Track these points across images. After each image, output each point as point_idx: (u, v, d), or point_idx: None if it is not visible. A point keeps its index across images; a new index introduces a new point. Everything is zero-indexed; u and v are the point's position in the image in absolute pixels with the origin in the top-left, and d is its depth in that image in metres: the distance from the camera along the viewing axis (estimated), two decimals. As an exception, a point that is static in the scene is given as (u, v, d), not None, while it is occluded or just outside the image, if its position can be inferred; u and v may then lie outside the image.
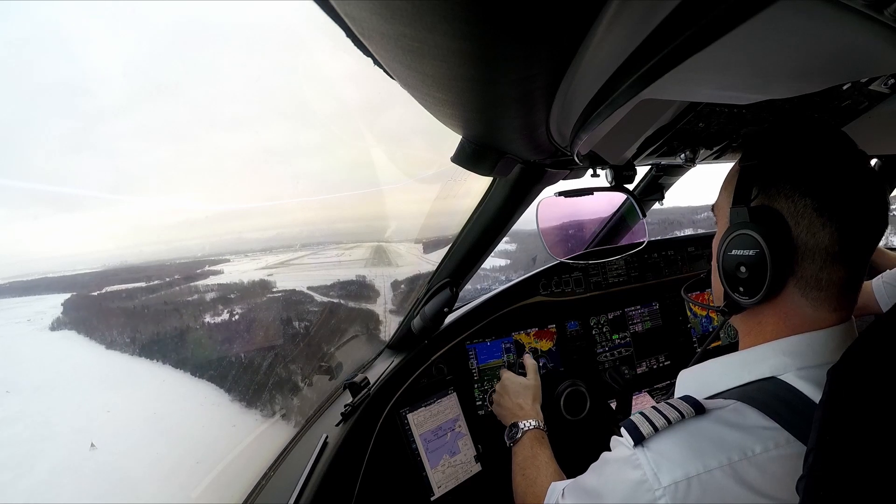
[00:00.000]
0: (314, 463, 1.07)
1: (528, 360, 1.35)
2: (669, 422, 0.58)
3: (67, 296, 1.60)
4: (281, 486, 1.07)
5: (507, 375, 1.30)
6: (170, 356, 1.58)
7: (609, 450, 0.67)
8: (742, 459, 0.54)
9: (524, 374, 1.31)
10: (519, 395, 1.21)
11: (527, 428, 1.10)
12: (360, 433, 1.23)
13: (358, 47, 0.49)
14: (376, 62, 0.51)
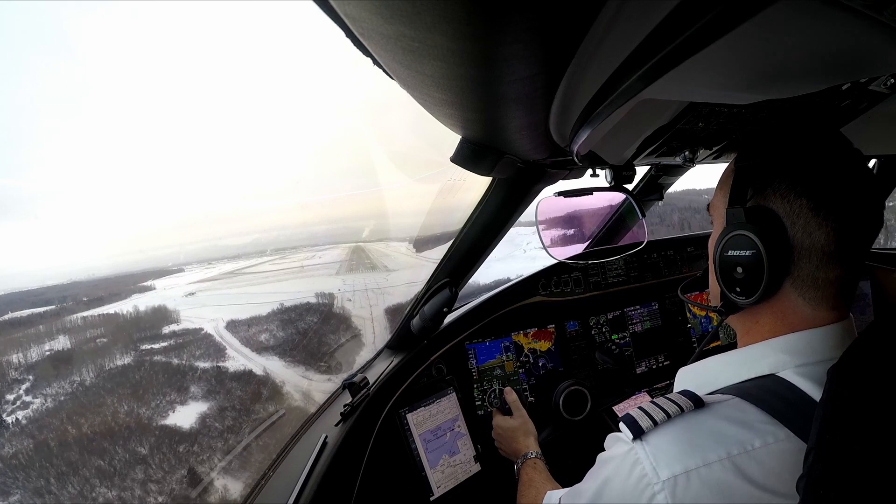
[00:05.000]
0: (314, 463, 1.07)
1: (510, 398, 1.33)
2: (668, 416, 0.58)
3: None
4: (280, 486, 1.07)
5: (497, 422, 1.30)
6: None
7: (604, 450, 0.67)
8: (741, 453, 0.54)
9: (510, 411, 1.30)
10: (512, 441, 1.23)
11: (522, 461, 1.14)
12: (360, 433, 1.23)
13: (357, 47, 0.49)
14: (376, 62, 0.51)
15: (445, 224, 1.35)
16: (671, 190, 1.73)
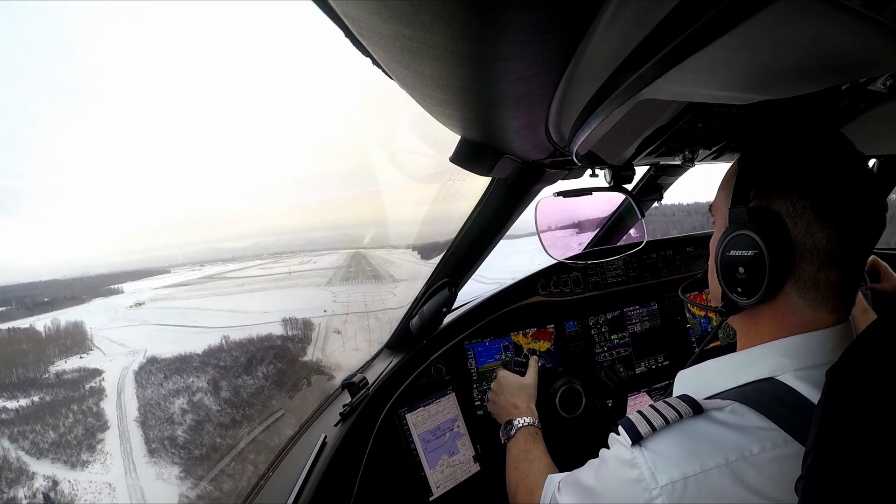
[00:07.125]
0: (313, 463, 1.07)
1: (533, 359, 1.33)
2: (667, 421, 0.58)
3: None
4: (279, 486, 1.07)
5: (503, 374, 1.29)
6: None
7: (608, 447, 0.67)
8: (739, 460, 0.54)
9: (521, 373, 1.30)
10: (514, 394, 1.20)
11: (521, 425, 1.11)
12: (359, 433, 1.23)
13: (356, 47, 0.49)
14: (375, 62, 0.51)
15: (452, 231, 1.34)
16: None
